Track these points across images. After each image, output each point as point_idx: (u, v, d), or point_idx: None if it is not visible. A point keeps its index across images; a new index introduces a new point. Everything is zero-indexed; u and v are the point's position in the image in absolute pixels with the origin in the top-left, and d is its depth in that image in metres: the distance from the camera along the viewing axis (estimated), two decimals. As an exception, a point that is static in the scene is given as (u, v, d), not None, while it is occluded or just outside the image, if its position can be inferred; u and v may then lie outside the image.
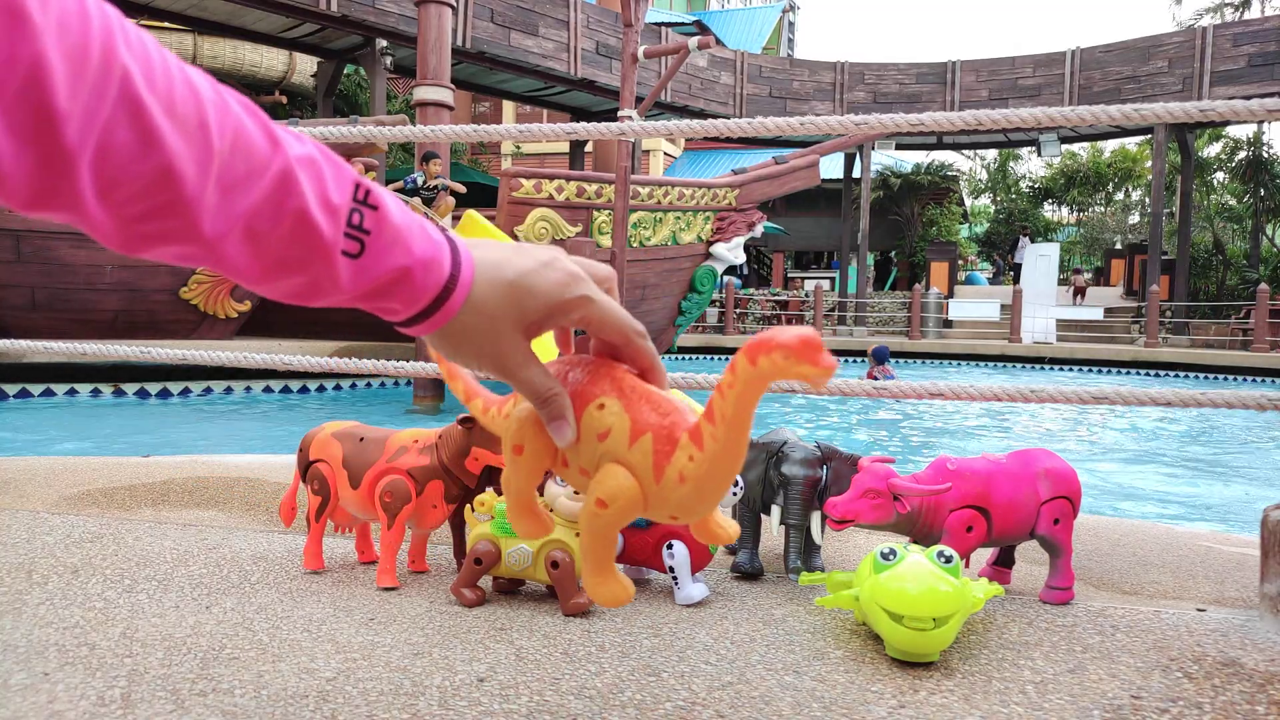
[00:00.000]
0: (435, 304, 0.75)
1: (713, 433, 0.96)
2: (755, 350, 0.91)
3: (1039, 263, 22.61)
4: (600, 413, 0.99)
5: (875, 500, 1.75)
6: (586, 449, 0.99)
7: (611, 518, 0.99)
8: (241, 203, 0.61)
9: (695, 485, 0.97)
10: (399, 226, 0.71)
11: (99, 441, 6.45)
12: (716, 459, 0.97)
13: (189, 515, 2.52)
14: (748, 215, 11.68)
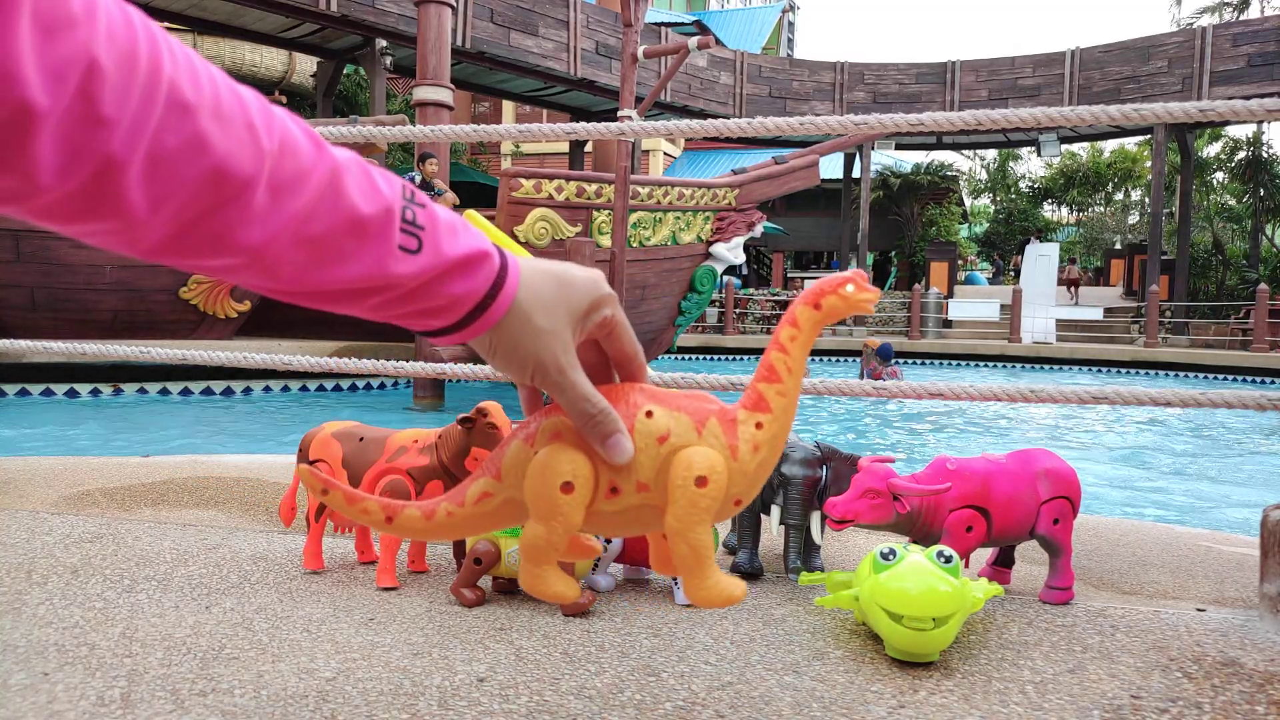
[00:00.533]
0: (492, 292, 0.74)
1: (780, 389, 1.01)
2: (818, 295, 0.98)
3: (1039, 263, 22.62)
4: (651, 420, 0.98)
5: (875, 500, 1.75)
6: (645, 459, 0.98)
7: (715, 493, 0.98)
8: (293, 204, 0.61)
9: (769, 449, 1.01)
10: (449, 221, 0.73)
11: (99, 441, 6.45)
12: (786, 415, 1.02)
13: (189, 515, 2.52)
14: (747, 215, 11.68)
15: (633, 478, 0.98)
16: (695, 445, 0.99)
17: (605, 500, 0.99)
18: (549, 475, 0.97)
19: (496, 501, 1.03)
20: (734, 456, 1.00)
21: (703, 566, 0.99)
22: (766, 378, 1.03)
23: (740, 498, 1.01)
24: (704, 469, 0.97)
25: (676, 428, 0.99)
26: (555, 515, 0.98)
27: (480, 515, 1.04)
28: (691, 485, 0.97)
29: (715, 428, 1.01)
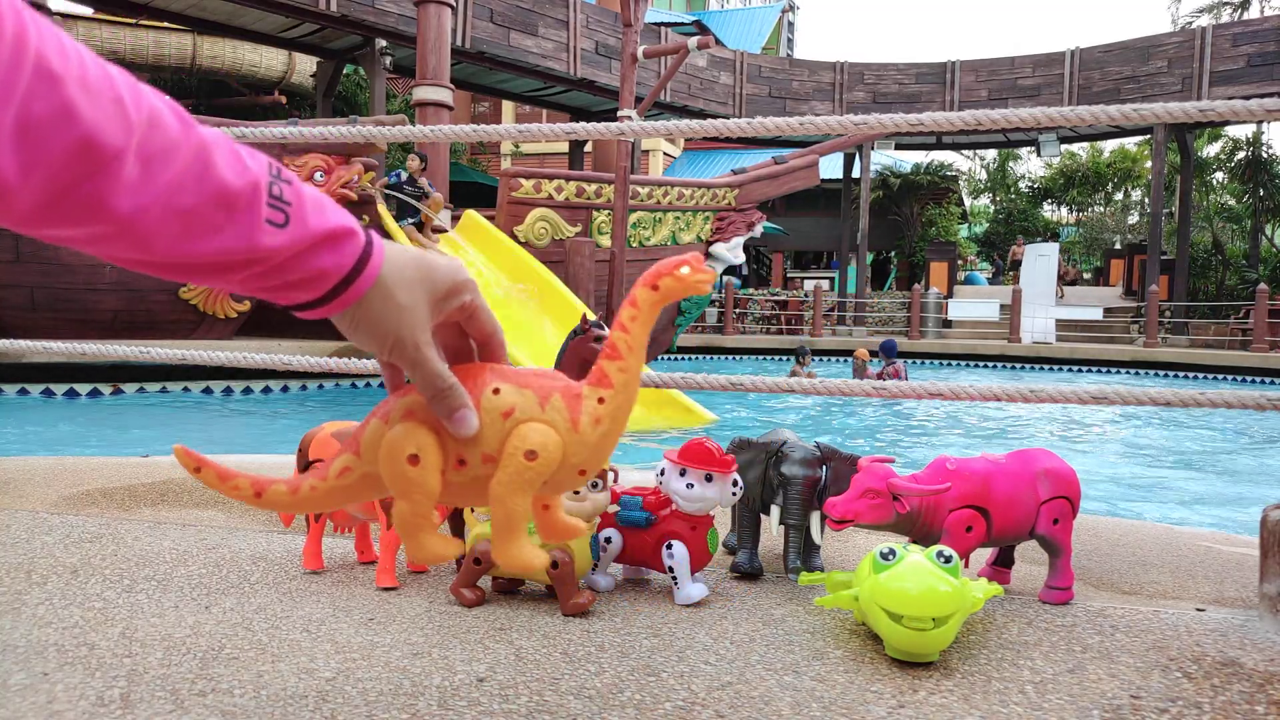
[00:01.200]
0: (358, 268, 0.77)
1: (621, 365, 1.09)
2: (655, 277, 1.09)
3: (1038, 263, 22.62)
4: (498, 396, 1.05)
5: (875, 500, 1.75)
6: (491, 433, 1.04)
7: (542, 468, 1.05)
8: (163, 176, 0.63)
9: (610, 423, 1.09)
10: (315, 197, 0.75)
11: (98, 441, 6.45)
12: (628, 389, 1.10)
13: (188, 515, 2.52)
14: (747, 215, 11.68)
15: (479, 450, 1.04)
16: (537, 420, 1.05)
17: (453, 471, 1.05)
18: (396, 449, 1.03)
19: (355, 475, 1.10)
20: (575, 429, 1.07)
21: (513, 532, 1.06)
22: (609, 355, 1.10)
23: (584, 467, 1.09)
24: (535, 444, 1.04)
25: (521, 403, 1.05)
26: (408, 487, 1.04)
27: (341, 488, 1.11)
28: (520, 457, 1.03)
29: (558, 402, 1.07)
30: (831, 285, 26.31)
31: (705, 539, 1.85)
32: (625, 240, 9.84)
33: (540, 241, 9.88)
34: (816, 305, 20.05)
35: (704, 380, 2.46)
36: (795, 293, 23.53)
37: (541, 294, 9.17)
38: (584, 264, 9.33)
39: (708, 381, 2.46)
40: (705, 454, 1.83)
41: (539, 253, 9.63)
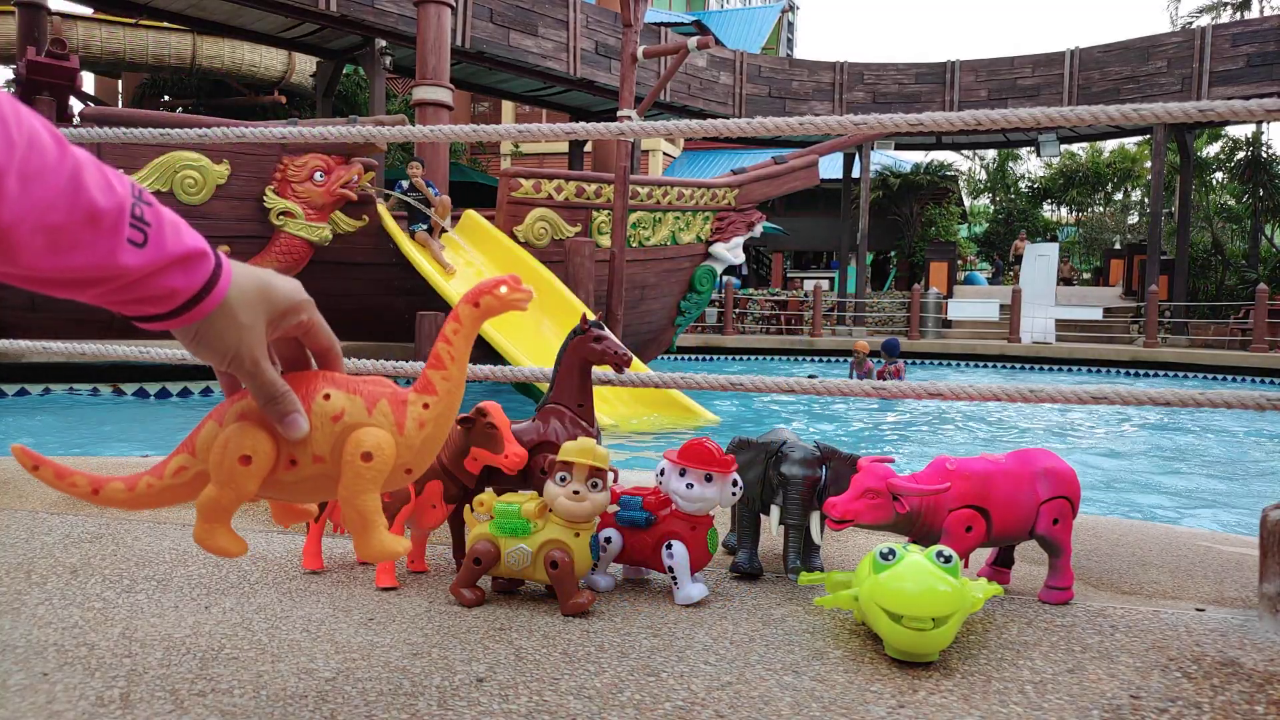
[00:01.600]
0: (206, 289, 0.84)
1: (444, 375, 1.19)
2: (477, 295, 1.18)
3: (1038, 263, 22.62)
4: (328, 402, 1.13)
5: (874, 500, 1.75)
6: (321, 435, 1.12)
7: (379, 467, 1.13)
8: (38, 193, 0.67)
9: (434, 426, 1.18)
10: (173, 220, 0.81)
11: (98, 441, 6.45)
12: (450, 396, 1.19)
13: (188, 515, 2.52)
14: (747, 215, 11.68)
15: (309, 451, 1.12)
16: (366, 424, 1.14)
17: (285, 471, 1.13)
18: (230, 449, 1.10)
19: (190, 474, 1.16)
20: (400, 432, 1.16)
21: (368, 528, 1.14)
22: (433, 365, 1.20)
23: (411, 467, 1.18)
24: (370, 446, 1.12)
25: (350, 408, 1.14)
26: (230, 482, 1.11)
27: (176, 487, 1.16)
28: (358, 460, 1.12)
29: (385, 408, 1.16)
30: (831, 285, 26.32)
31: (705, 539, 1.85)
32: (625, 240, 9.83)
33: (540, 241, 9.88)
34: (816, 305, 20.05)
35: (704, 380, 2.46)
36: (795, 293, 23.53)
37: (541, 294, 9.17)
38: (584, 264, 9.33)
39: (707, 382, 2.46)
40: (705, 454, 1.83)
41: (539, 253, 9.63)
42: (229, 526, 1.15)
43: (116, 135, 2.61)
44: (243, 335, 0.91)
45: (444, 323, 1.22)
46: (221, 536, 1.14)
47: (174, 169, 8.52)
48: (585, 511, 1.76)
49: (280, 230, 8.87)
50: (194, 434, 1.16)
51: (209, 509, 1.13)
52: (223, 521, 1.14)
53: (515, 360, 7.78)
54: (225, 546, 1.14)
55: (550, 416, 2.02)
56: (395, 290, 9.41)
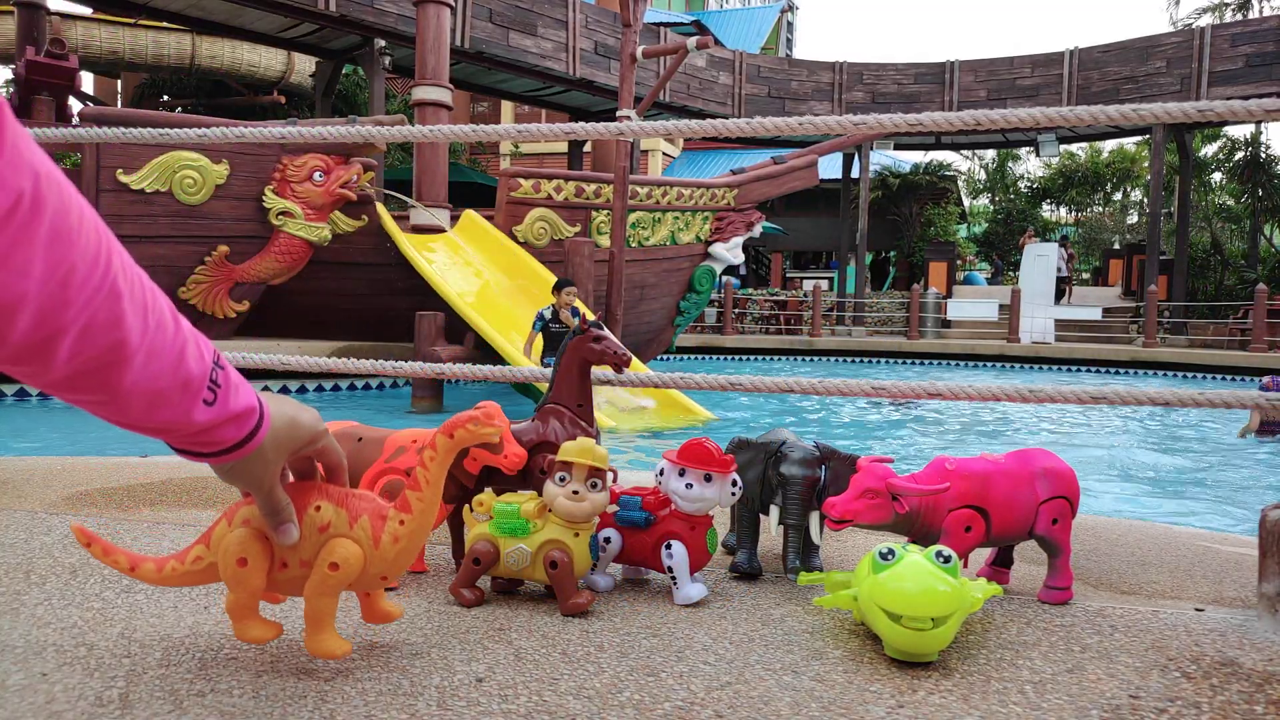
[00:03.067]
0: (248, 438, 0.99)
1: (419, 496, 1.36)
2: (451, 427, 1.37)
3: (1037, 263, 22.62)
4: (318, 513, 1.32)
5: (874, 500, 1.75)
6: (309, 543, 1.31)
7: (342, 578, 1.32)
8: (155, 367, 0.79)
9: (408, 541, 1.36)
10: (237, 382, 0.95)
11: (97, 441, 6.45)
12: (423, 515, 1.37)
13: (187, 515, 2.52)
14: (746, 215, 11.68)
15: (297, 556, 1.32)
16: (344, 536, 1.33)
17: (278, 572, 1.33)
18: (229, 551, 1.31)
19: (204, 564, 1.38)
20: (376, 545, 1.34)
21: (319, 624, 1.34)
22: (411, 486, 1.38)
23: (385, 574, 1.38)
24: (338, 557, 1.31)
25: (336, 520, 1.33)
26: (236, 583, 1.32)
27: (195, 572, 1.39)
28: (325, 568, 1.31)
29: (365, 523, 1.35)
30: (830, 285, 26.32)
31: (704, 539, 1.85)
32: (624, 240, 9.83)
33: (539, 241, 9.88)
34: (816, 305, 20.05)
35: (703, 380, 2.46)
36: (794, 293, 23.53)
37: (541, 294, 9.17)
38: (583, 264, 9.33)
39: (706, 381, 2.46)
40: (704, 454, 1.83)
41: (538, 253, 9.63)
42: (258, 617, 1.35)
43: (116, 135, 2.61)
44: (266, 469, 1.08)
45: (422, 448, 1.40)
46: (254, 629, 1.34)
47: (173, 169, 8.51)
48: (584, 512, 1.76)
49: (279, 230, 8.87)
50: (211, 528, 1.37)
51: (232, 610, 1.33)
52: (249, 617, 1.34)
53: (514, 360, 7.77)
54: (259, 636, 1.34)
55: (549, 416, 2.02)
56: (394, 290, 9.41)
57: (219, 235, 8.73)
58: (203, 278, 8.72)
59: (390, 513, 1.37)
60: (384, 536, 1.35)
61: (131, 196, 8.37)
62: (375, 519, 1.36)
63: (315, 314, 9.55)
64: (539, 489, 1.86)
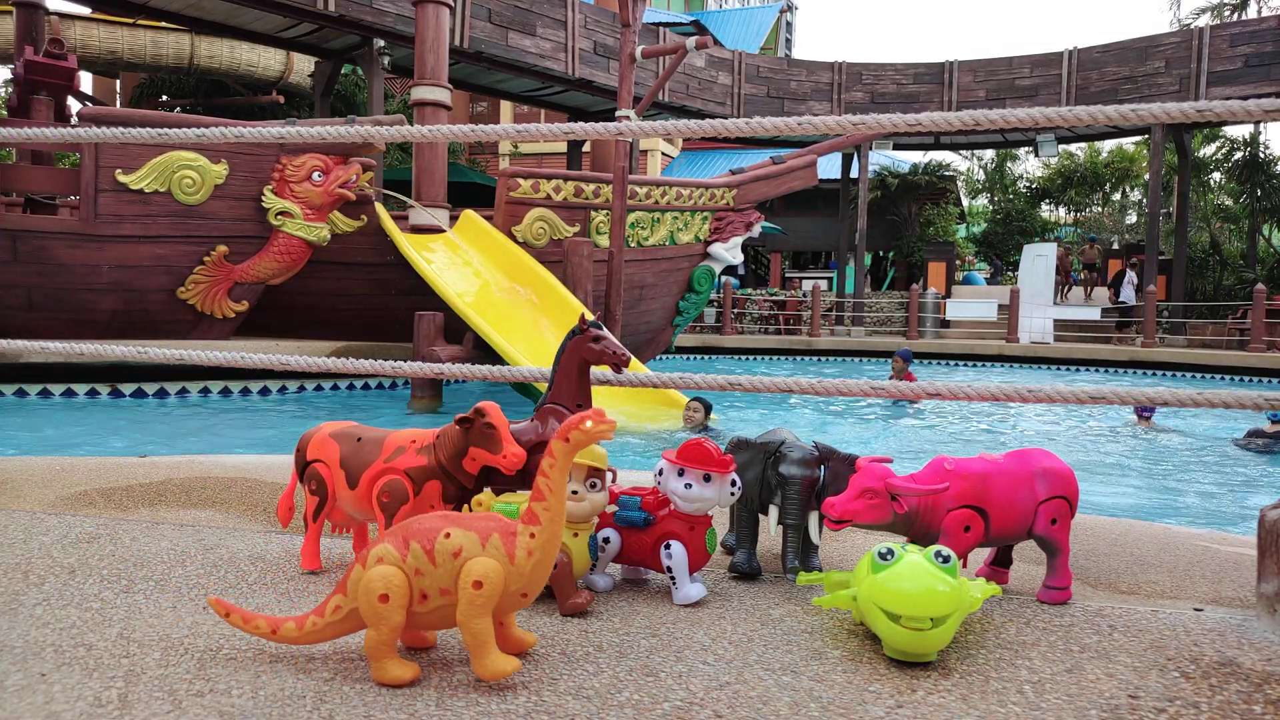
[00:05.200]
0: None
1: (545, 506, 1.39)
2: (566, 431, 1.39)
3: (1036, 263, 22.61)
4: (449, 540, 1.36)
5: (873, 500, 1.75)
6: (444, 570, 1.36)
7: (489, 594, 1.34)
8: None
9: (541, 554, 1.38)
10: None
11: (96, 442, 6.44)
12: (552, 525, 1.39)
13: (186, 515, 2.51)
14: (745, 215, 11.68)
15: (436, 586, 1.36)
16: (479, 557, 1.35)
17: (418, 604, 1.37)
18: (371, 589, 1.34)
19: (344, 612, 1.40)
20: (511, 561, 1.37)
21: (482, 650, 1.35)
22: (535, 498, 1.40)
23: (524, 591, 1.40)
24: (479, 574, 1.34)
25: (467, 544, 1.37)
26: (377, 619, 1.34)
27: (335, 623, 1.42)
28: (470, 588, 1.33)
29: (496, 541, 1.38)
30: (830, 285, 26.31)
31: (703, 539, 1.85)
32: (623, 240, 9.82)
33: (538, 241, 9.87)
34: (815, 305, 20.05)
35: (701, 380, 2.46)
36: (793, 293, 23.52)
37: (540, 294, 9.15)
38: (582, 264, 9.32)
39: (705, 381, 2.46)
40: (703, 454, 1.83)
41: (537, 253, 9.62)
42: (396, 657, 1.38)
43: (115, 135, 2.61)
44: None
45: (542, 457, 1.42)
46: (392, 669, 1.37)
47: (172, 169, 8.50)
48: (584, 512, 1.76)
49: (278, 230, 8.85)
50: (346, 576, 1.41)
51: (372, 649, 1.37)
52: (388, 656, 1.37)
53: (513, 360, 7.77)
54: (399, 676, 1.37)
55: (549, 416, 2.02)
56: (394, 290, 9.40)
57: (218, 235, 8.71)
58: (202, 278, 8.71)
59: (519, 528, 1.39)
60: (517, 552, 1.37)
61: (130, 196, 8.36)
62: (505, 536, 1.38)
63: (314, 314, 9.54)
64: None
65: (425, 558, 1.37)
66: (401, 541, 1.38)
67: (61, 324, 8.34)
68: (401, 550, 1.37)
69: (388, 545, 1.37)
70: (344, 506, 1.99)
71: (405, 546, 1.37)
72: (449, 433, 1.87)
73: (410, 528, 1.40)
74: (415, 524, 1.40)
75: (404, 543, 1.38)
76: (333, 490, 1.97)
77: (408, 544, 1.37)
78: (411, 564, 1.36)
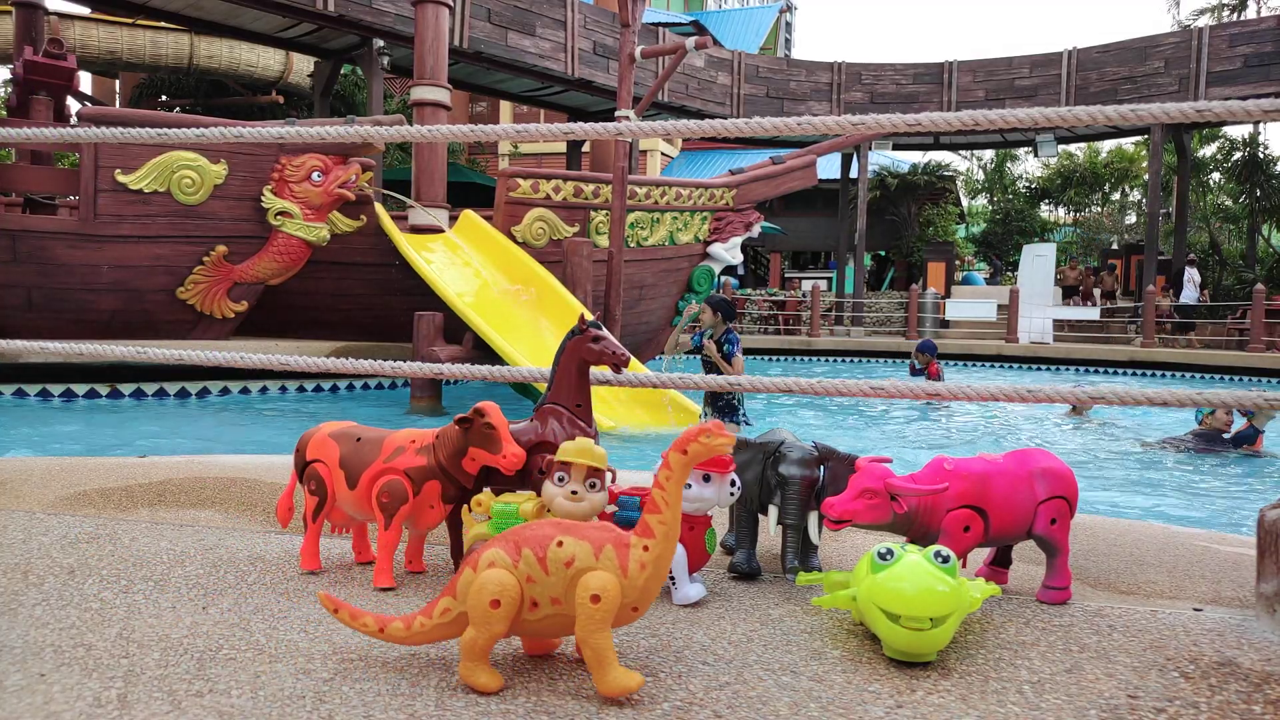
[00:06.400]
0: None
1: (661, 519, 1.36)
2: (684, 443, 1.36)
3: (1035, 263, 22.62)
4: (561, 549, 1.35)
5: (872, 500, 1.75)
6: (556, 579, 1.34)
7: (607, 608, 1.32)
8: None
9: (655, 566, 1.36)
10: None
11: (95, 442, 6.43)
12: (667, 538, 1.36)
13: (186, 516, 2.51)
14: (745, 215, 11.68)
15: (547, 595, 1.35)
16: (594, 568, 1.34)
17: (528, 613, 1.36)
18: (483, 591, 1.33)
19: (453, 615, 1.40)
20: (624, 574, 1.35)
21: (603, 664, 1.33)
22: (650, 510, 1.38)
23: (636, 605, 1.37)
24: (597, 588, 1.32)
25: (580, 554, 1.35)
26: (484, 623, 1.33)
27: (443, 625, 1.41)
28: (588, 603, 1.32)
29: (610, 552, 1.36)
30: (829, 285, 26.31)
31: (703, 539, 1.85)
32: (623, 240, 9.82)
33: (538, 242, 9.87)
34: (814, 305, 20.05)
35: (703, 380, 2.46)
36: (793, 293, 23.52)
37: (539, 294, 9.15)
38: (582, 264, 9.31)
39: (704, 381, 2.46)
40: (703, 454, 1.83)
41: (536, 253, 9.61)
42: (488, 664, 1.37)
43: (114, 135, 2.61)
44: None
45: (658, 469, 1.40)
46: (482, 674, 1.36)
47: (172, 169, 8.49)
48: (583, 511, 1.76)
49: (278, 230, 8.85)
50: (454, 579, 1.41)
51: (468, 649, 1.36)
52: (482, 660, 1.36)
53: (513, 360, 7.77)
54: (485, 683, 1.36)
55: (548, 416, 2.02)
56: (393, 290, 9.40)
57: (217, 235, 8.71)
58: (201, 278, 8.70)
59: (632, 540, 1.37)
60: (631, 564, 1.35)
61: (130, 196, 8.36)
62: (619, 548, 1.36)
63: (314, 314, 9.53)
64: (537, 489, 1.86)
65: (538, 565, 1.35)
66: (513, 548, 1.37)
67: (61, 324, 8.34)
68: (513, 556, 1.35)
69: (499, 550, 1.36)
70: (343, 507, 1.99)
71: (517, 553, 1.35)
72: (448, 433, 1.87)
73: (522, 534, 1.38)
74: (526, 531, 1.38)
75: (515, 549, 1.36)
76: (332, 490, 1.97)
77: (519, 550, 1.36)
78: (523, 570, 1.35)
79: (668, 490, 1.37)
